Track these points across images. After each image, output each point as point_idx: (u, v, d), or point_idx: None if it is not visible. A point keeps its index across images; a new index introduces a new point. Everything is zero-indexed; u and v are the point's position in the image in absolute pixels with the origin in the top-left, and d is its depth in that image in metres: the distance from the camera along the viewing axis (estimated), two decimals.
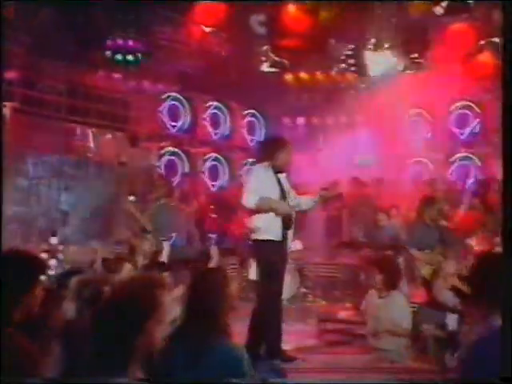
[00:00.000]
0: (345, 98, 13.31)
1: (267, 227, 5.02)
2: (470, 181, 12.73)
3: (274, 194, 5.09)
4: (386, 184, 11.57)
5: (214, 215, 11.25)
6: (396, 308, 5.50)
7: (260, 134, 14.01)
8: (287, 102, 13.60)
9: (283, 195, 5.15)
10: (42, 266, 2.85)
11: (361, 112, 13.47)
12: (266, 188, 5.05)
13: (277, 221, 5.04)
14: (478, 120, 13.04)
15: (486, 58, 10.53)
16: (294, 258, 9.46)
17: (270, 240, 5.04)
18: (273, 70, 11.77)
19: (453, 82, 11.87)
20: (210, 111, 13.21)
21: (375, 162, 13.22)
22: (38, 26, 9.31)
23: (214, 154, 13.20)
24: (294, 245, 9.67)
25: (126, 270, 4.78)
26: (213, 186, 13.01)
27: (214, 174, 13.16)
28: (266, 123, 14.09)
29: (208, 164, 13.10)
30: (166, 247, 7.50)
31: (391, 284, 5.62)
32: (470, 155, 13.24)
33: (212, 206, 11.36)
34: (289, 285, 9.20)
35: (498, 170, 12.63)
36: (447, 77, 11.59)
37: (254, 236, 5.13)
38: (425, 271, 6.79)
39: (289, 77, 12.70)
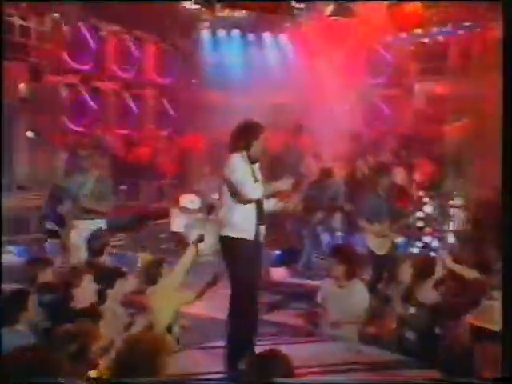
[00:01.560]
0: (263, 39, 12.88)
1: (242, 224, 4.62)
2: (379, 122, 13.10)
3: None
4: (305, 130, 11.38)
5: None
6: (358, 297, 5.44)
7: (172, 70, 13.29)
8: (202, 38, 12.90)
9: None
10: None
11: (278, 54, 13.13)
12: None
13: (252, 217, 4.64)
14: (390, 65, 13.20)
15: (412, 7, 10.52)
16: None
17: (244, 239, 4.62)
18: (196, 6, 10.98)
19: (373, 29, 11.87)
20: (118, 43, 12.20)
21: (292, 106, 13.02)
22: None
23: (123, 91, 12.31)
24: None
25: (86, 283, 4.20)
26: (124, 127, 12.20)
27: (124, 112, 12.31)
28: (178, 58, 13.33)
29: (118, 102, 12.21)
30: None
31: (352, 273, 5.55)
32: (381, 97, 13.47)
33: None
34: (212, 237, 9.01)
35: (407, 113, 13.06)
36: (369, 23, 11.54)
37: (224, 232, 4.70)
38: (372, 244, 6.82)
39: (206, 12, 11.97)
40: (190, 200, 9.04)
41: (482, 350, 3.37)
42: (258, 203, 4.70)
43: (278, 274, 7.89)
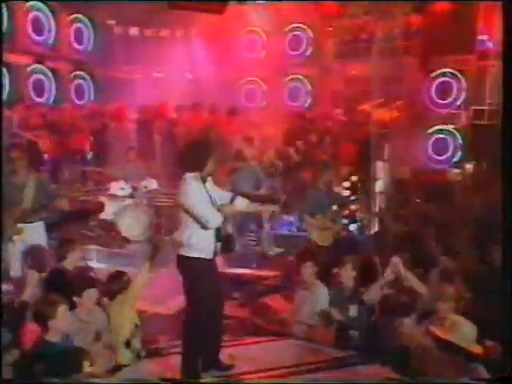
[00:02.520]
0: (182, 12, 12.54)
1: (200, 244, 4.56)
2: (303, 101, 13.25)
3: None
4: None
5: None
6: (321, 299, 5.57)
7: (89, 44, 12.70)
8: (120, 10, 12.35)
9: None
10: None
11: (198, 27, 12.93)
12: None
13: (210, 237, 4.59)
14: (311, 43, 13.38)
15: None
16: (149, 197, 9.07)
17: (202, 258, 4.57)
18: None
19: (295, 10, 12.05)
20: (31, 14, 11.43)
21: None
22: None
23: (37, 65, 11.60)
24: (149, 184, 9.25)
25: (61, 313, 3.94)
26: (39, 103, 11.53)
27: (39, 88, 11.62)
28: (95, 31, 12.74)
29: (32, 77, 11.49)
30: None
31: (317, 275, 5.66)
32: (301, 77, 13.63)
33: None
34: (144, 225, 8.84)
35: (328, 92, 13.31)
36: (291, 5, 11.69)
37: (183, 252, 4.61)
38: (316, 236, 6.99)
39: None
40: (119, 187, 8.75)
41: (444, 357, 3.57)
42: None
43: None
